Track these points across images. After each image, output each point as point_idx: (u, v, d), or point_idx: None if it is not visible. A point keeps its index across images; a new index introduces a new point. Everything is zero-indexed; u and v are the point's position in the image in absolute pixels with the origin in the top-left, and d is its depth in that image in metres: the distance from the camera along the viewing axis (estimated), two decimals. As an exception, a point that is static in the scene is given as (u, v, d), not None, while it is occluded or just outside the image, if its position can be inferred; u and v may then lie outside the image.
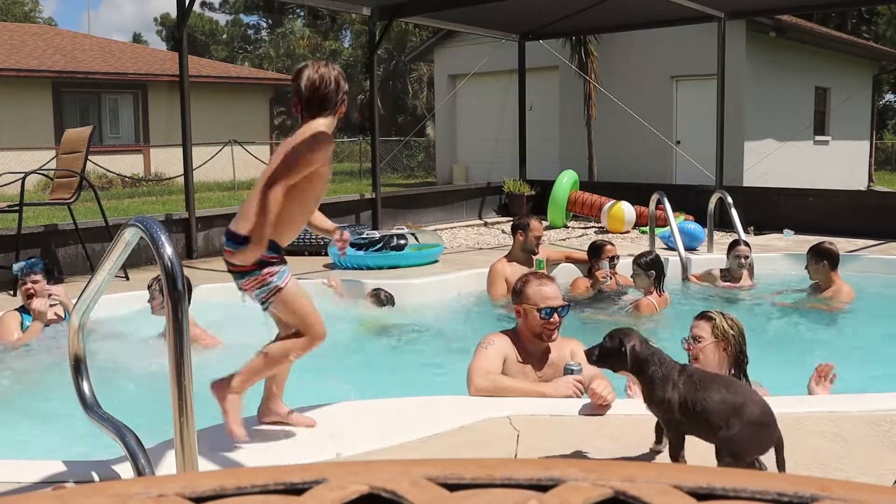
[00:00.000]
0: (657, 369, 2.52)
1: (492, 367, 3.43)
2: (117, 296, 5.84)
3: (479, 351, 3.52)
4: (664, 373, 2.51)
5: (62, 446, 3.32)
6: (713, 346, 3.21)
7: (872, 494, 0.53)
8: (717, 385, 2.47)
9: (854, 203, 10.11)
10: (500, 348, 3.48)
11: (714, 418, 2.41)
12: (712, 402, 2.41)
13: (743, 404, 2.40)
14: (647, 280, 5.66)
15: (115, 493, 0.54)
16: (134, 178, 18.51)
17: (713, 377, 2.57)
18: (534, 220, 6.25)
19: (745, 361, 3.23)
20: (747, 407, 2.40)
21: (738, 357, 3.21)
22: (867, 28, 27.63)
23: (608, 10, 10.08)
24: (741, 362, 3.21)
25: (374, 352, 5.29)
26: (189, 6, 7.96)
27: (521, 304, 3.49)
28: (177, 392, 2.34)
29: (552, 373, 3.47)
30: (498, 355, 3.46)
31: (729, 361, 3.21)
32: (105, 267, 2.73)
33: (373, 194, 10.07)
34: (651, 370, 2.53)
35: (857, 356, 4.76)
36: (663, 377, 2.50)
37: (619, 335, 2.62)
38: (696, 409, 2.43)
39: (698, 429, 2.47)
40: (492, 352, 3.47)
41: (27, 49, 20.81)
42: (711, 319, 3.27)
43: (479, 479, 0.56)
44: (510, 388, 3.37)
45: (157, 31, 46.72)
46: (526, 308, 3.47)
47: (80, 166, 6.80)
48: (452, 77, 18.10)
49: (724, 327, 3.22)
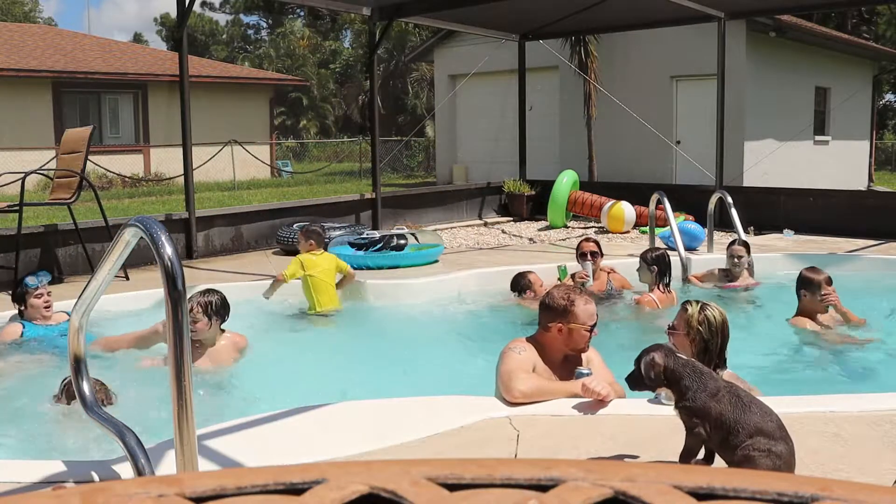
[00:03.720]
0: (692, 381, 2.50)
1: (529, 371, 3.38)
2: (117, 296, 5.84)
3: (510, 355, 3.43)
4: (704, 383, 2.49)
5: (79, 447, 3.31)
6: (683, 335, 3.28)
7: (872, 494, 0.53)
8: (756, 407, 2.45)
9: (854, 203, 10.11)
10: (531, 355, 3.43)
11: (744, 437, 2.39)
12: (748, 423, 2.40)
13: (776, 436, 2.39)
14: (650, 275, 5.68)
15: (115, 493, 0.54)
16: (134, 178, 18.52)
17: (753, 399, 2.54)
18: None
19: (712, 358, 3.22)
20: (780, 441, 2.39)
21: (702, 350, 3.23)
22: (867, 28, 27.63)
23: (608, 10, 10.08)
24: (703, 357, 3.19)
25: (374, 352, 5.29)
26: (189, 6, 7.96)
27: (568, 324, 3.40)
28: (177, 392, 2.34)
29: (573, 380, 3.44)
30: (530, 361, 3.42)
31: (691, 353, 3.20)
32: (105, 267, 2.73)
33: (373, 194, 10.07)
34: (685, 381, 2.50)
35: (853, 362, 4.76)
36: (703, 387, 2.48)
37: (644, 356, 2.60)
38: (731, 426, 2.41)
39: (725, 443, 2.45)
40: (524, 357, 3.41)
41: (27, 49, 20.81)
42: (685, 310, 3.33)
43: (479, 479, 0.56)
44: (553, 391, 3.32)
45: (157, 31, 46.73)
46: (573, 328, 3.40)
47: (80, 166, 6.80)
48: (452, 77, 18.09)
49: (693, 321, 3.26)
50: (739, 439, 2.39)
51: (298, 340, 5.62)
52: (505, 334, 5.15)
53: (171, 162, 17.59)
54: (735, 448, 2.40)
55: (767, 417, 2.43)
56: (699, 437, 2.49)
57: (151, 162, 20.37)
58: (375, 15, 9.82)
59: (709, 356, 3.22)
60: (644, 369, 2.59)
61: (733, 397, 2.46)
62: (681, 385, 2.51)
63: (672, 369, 2.53)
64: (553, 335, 3.44)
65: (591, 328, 3.43)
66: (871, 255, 7.89)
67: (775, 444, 2.37)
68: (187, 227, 8.09)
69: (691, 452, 2.53)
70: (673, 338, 3.34)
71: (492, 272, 6.97)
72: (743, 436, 2.39)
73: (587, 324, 3.41)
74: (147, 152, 20.55)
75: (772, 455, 2.35)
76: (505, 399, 3.32)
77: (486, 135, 18.17)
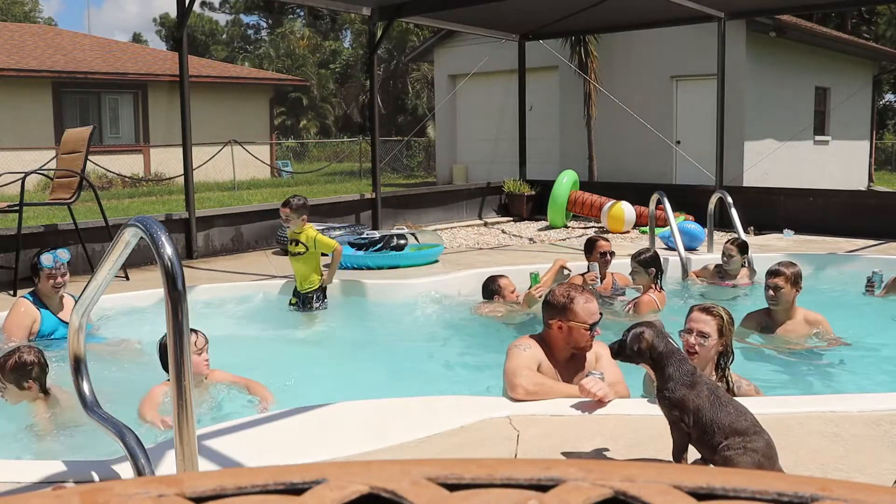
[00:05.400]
0: (676, 370, 2.50)
1: (534, 369, 3.39)
2: (117, 296, 5.84)
3: (515, 352, 3.43)
4: (685, 374, 2.49)
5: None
6: (716, 343, 3.20)
7: (872, 494, 0.53)
8: (732, 407, 2.46)
9: (854, 203, 10.11)
10: (535, 353, 3.43)
11: (720, 438, 2.40)
12: (723, 422, 2.41)
13: (751, 432, 2.41)
14: (646, 277, 5.65)
15: (115, 493, 0.54)
16: (134, 178, 18.52)
17: (730, 398, 2.56)
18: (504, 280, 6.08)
19: (729, 358, 3.23)
20: (754, 436, 2.40)
21: (725, 353, 3.22)
22: (867, 28, 27.62)
23: (608, 10, 10.08)
24: (725, 359, 3.20)
25: (374, 352, 5.30)
26: (189, 6, 7.96)
27: (568, 322, 3.39)
28: (177, 392, 2.34)
29: (579, 379, 3.40)
30: (534, 359, 3.41)
31: (714, 358, 3.20)
32: (105, 267, 2.73)
33: (373, 194, 10.07)
34: (669, 369, 2.51)
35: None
36: (683, 378, 2.49)
37: (635, 328, 2.61)
38: (707, 423, 2.42)
39: (702, 441, 2.46)
40: (529, 355, 3.41)
41: (27, 49, 20.81)
42: (718, 317, 3.22)
43: (479, 479, 0.56)
44: (558, 390, 3.32)
45: (157, 32, 46.73)
46: (573, 325, 3.39)
47: (80, 166, 6.80)
48: (452, 77, 18.09)
49: (726, 325, 3.21)
50: (716, 440, 2.41)
51: (298, 340, 5.62)
52: (505, 334, 5.16)
53: (171, 162, 17.59)
54: (714, 448, 2.42)
55: (742, 416, 2.45)
56: (682, 430, 2.51)
57: (151, 162, 20.36)
58: (375, 15, 9.83)
59: (728, 356, 3.23)
60: (630, 339, 2.59)
61: (712, 395, 2.47)
62: (665, 371, 2.52)
63: (660, 351, 2.54)
64: (555, 332, 3.44)
65: (592, 327, 3.42)
66: (871, 255, 7.89)
67: (751, 440, 2.39)
68: (187, 227, 8.09)
69: (680, 447, 2.54)
70: (701, 347, 3.21)
71: (492, 272, 6.96)
72: (719, 436, 2.41)
73: (587, 322, 3.40)
74: (147, 152, 20.55)
75: (749, 451, 2.37)
76: (510, 396, 3.33)
77: (486, 135, 18.16)
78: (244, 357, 4.61)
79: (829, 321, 4.93)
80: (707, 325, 3.21)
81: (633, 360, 2.64)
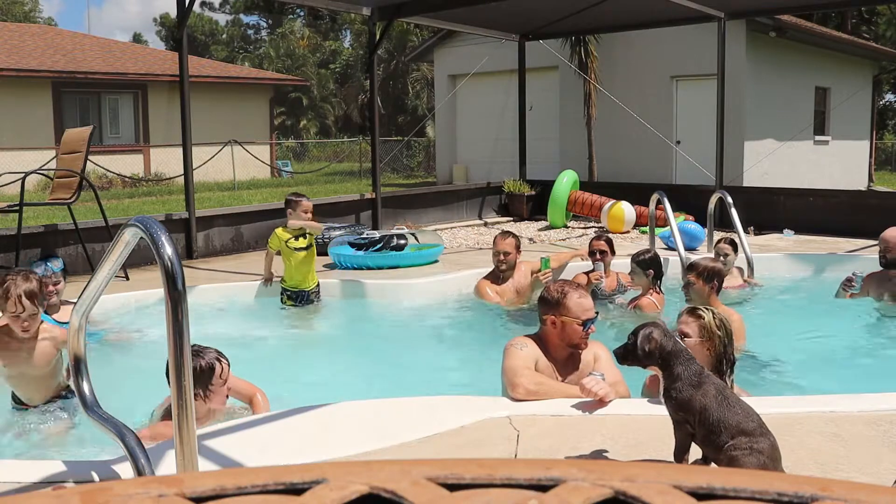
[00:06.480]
0: (684, 369, 2.50)
1: (532, 368, 3.38)
2: (117, 296, 5.84)
3: (512, 352, 3.43)
4: (693, 375, 2.49)
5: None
6: (698, 344, 3.10)
7: (872, 494, 0.53)
8: (740, 408, 2.46)
9: (854, 203, 10.10)
10: (532, 351, 3.43)
11: (726, 438, 2.40)
12: (731, 422, 2.41)
13: (757, 433, 2.41)
14: (645, 279, 5.63)
15: (115, 493, 0.54)
16: (134, 178, 18.52)
17: (738, 399, 2.54)
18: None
19: (728, 364, 3.12)
20: (760, 437, 2.40)
21: (720, 358, 3.09)
22: (867, 28, 27.62)
23: (608, 10, 10.08)
24: (721, 364, 3.09)
25: (374, 352, 5.30)
26: (189, 6, 7.96)
27: (560, 317, 3.40)
28: (177, 392, 2.34)
29: (577, 378, 3.39)
30: (532, 358, 3.41)
31: (709, 362, 3.14)
32: (105, 267, 2.73)
33: (373, 194, 10.07)
34: (677, 369, 2.50)
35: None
36: (690, 378, 2.48)
37: (642, 329, 2.59)
38: (713, 422, 2.42)
39: (708, 440, 2.46)
40: (526, 353, 3.41)
41: (27, 49, 20.81)
42: (700, 317, 3.14)
43: (479, 479, 0.56)
44: (558, 390, 3.31)
45: (157, 32, 46.72)
46: (565, 320, 3.39)
47: (80, 166, 6.80)
48: (452, 77, 18.09)
49: (713, 327, 3.11)
50: (722, 439, 2.41)
51: (298, 340, 5.62)
52: (505, 334, 5.16)
53: (171, 162, 17.59)
54: (719, 448, 2.42)
55: (748, 418, 2.45)
56: (686, 431, 2.50)
57: (151, 162, 20.37)
58: (375, 15, 9.83)
59: (726, 361, 3.15)
60: (641, 341, 2.57)
61: (720, 395, 2.46)
62: (673, 371, 2.51)
63: (668, 350, 2.53)
64: (549, 329, 3.45)
65: (586, 323, 3.41)
66: (871, 255, 7.88)
67: (756, 441, 2.39)
68: (187, 227, 8.10)
69: (682, 447, 2.53)
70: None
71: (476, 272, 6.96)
72: (725, 436, 2.41)
73: (580, 318, 3.39)
74: (147, 152, 20.55)
75: (754, 452, 2.38)
76: (510, 396, 3.33)
77: (486, 135, 18.16)
78: (244, 357, 4.60)
79: (829, 321, 4.92)
80: (688, 326, 3.15)
81: (641, 362, 2.62)
